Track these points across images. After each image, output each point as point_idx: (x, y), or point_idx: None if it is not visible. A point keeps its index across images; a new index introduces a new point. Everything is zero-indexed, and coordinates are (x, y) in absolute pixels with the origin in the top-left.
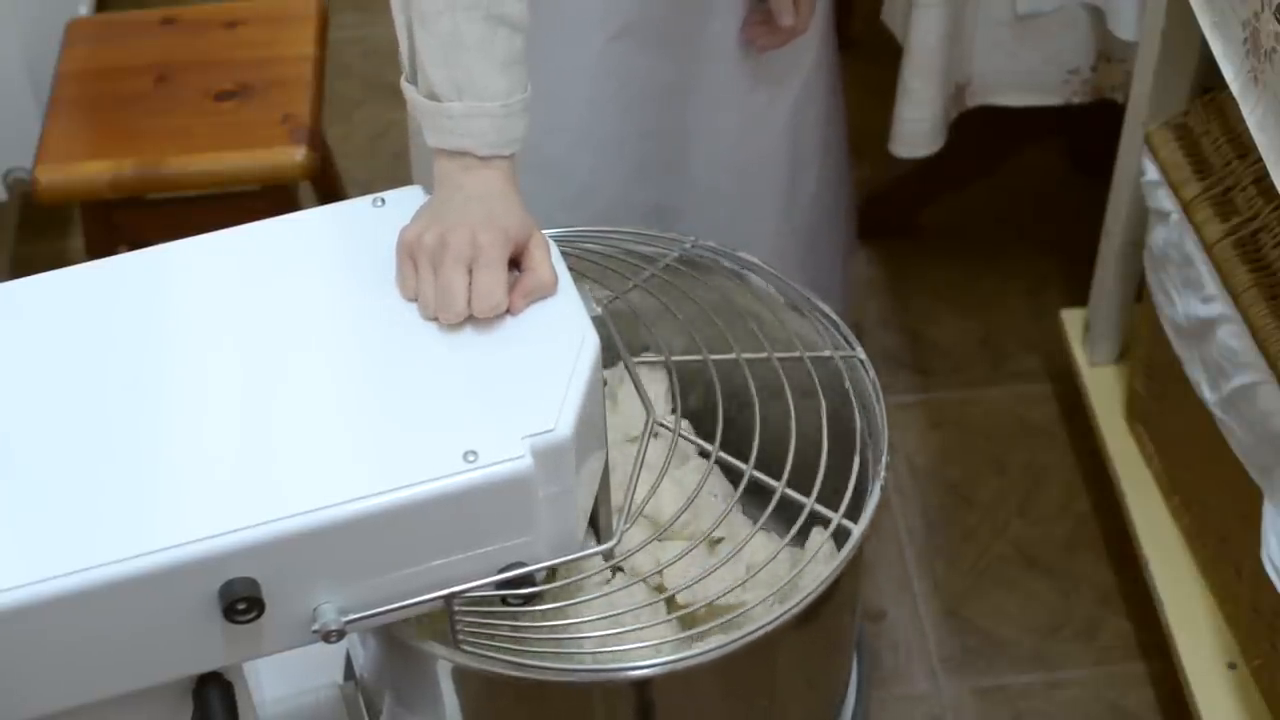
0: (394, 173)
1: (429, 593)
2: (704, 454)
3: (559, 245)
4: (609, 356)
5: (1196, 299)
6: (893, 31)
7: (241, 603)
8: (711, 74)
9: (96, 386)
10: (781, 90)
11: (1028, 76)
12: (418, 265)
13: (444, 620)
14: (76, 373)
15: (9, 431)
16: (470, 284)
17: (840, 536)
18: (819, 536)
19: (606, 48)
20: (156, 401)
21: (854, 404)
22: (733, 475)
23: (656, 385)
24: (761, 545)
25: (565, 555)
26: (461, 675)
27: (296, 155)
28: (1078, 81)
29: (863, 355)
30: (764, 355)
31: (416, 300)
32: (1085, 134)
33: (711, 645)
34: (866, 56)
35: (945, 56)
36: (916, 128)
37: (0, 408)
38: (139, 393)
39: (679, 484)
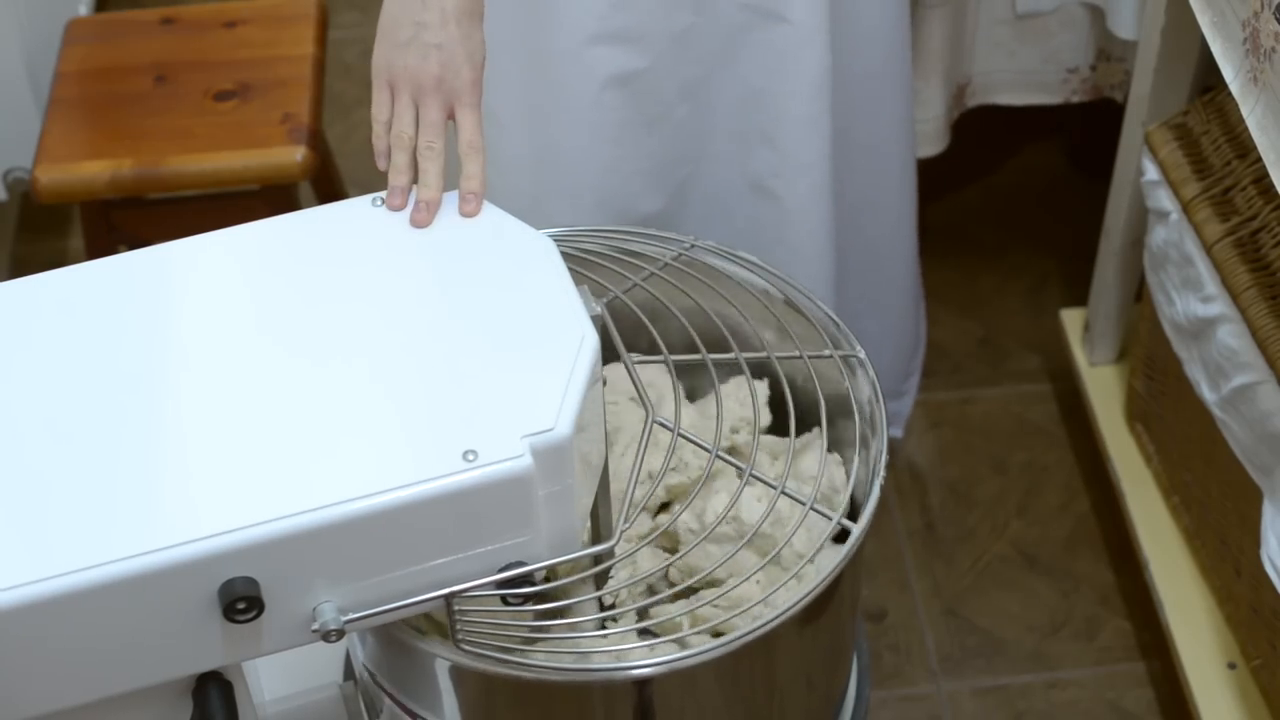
0: None
1: (429, 592)
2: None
3: (559, 245)
4: (608, 356)
5: (1196, 299)
6: None
7: (241, 602)
8: None
9: (94, 387)
10: None
11: (1027, 75)
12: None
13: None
14: (74, 373)
15: (6, 433)
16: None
17: (840, 536)
18: (819, 537)
19: None
20: (155, 401)
21: (854, 404)
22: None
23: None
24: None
25: (565, 555)
26: (461, 675)
27: (296, 155)
28: (1077, 80)
29: (862, 355)
30: (764, 355)
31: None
32: (1085, 133)
33: (712, 645)
34: None
35: (949, 57)
36: (923, 129)
37: None
38: (137, 393)
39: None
